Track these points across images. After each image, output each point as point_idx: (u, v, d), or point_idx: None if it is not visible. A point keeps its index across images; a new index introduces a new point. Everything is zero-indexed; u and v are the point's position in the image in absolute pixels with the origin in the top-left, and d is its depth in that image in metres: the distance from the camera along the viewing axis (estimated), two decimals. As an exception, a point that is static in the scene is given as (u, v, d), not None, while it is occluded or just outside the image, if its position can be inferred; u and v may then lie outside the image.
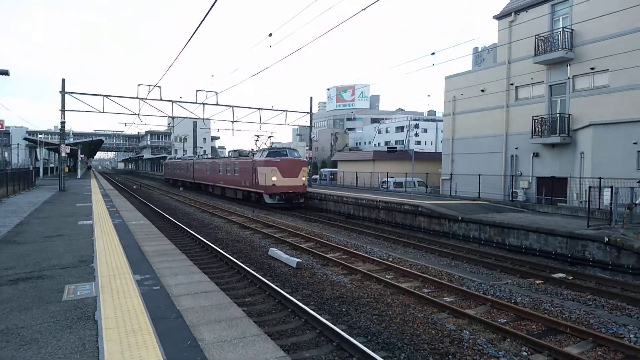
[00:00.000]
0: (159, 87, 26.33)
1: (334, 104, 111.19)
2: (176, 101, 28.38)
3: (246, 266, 10.70)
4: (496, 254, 13.61)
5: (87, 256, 7.71)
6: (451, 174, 28.48)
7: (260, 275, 9.89)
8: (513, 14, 24.12)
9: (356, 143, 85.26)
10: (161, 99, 27.08)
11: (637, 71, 17.72)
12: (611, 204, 13.41)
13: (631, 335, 6.99)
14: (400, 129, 76.80)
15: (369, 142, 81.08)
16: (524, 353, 6.39)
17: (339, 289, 9.37)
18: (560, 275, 10.95)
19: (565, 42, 20.76)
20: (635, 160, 16.34)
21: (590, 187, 14.29)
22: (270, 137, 31.66)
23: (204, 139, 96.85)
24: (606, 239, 11.78)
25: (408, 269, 10.93)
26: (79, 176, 46.77)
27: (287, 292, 8.62)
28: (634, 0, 17.06)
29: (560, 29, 21.09)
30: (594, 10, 18.74)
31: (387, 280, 9.90)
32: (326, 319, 7.13)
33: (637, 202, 13.53)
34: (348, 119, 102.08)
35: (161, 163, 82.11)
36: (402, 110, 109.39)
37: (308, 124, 34.25)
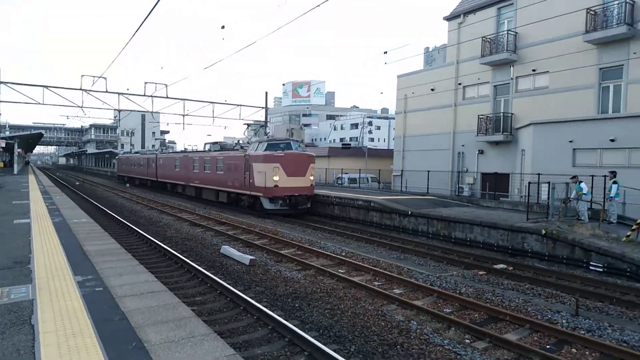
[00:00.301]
0: (105, 78, 25.05)
1: (289, 100, 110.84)
2: (123, 93, 27.11)
3: (196, 265, 10.46)
4: (443, 247, 14.19)
5: (23, 257, 7.23)
6: (402, 170, 29.27)
7: (211, 273, 9.71)
8: (462, 15, 25.09)
9: (312, 139, 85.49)
10: (107, 91, 25.76)
11: (573, 74, 19.01)
12: (548, 198, 14.35)
13: (564, 321, 7.53)
14: (355, 125, 77.85)
15: (325, 139, 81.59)
16: (467, 340, 6.72)
17: (293, 284, 9.40)
18: (502, 266, 11.59)
19: (510, 45, 21.89)
20: (570, 158, 17.55)
21: (529, 183, 15.20)
22: (262, 126, 26.79)
23: (153, 133, 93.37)
24: (543, 232, 12.61)
25: (360, 263, 11.15)
26: (15, 172, 43.60)
27: (239, 290, 8.53)
28: (572, 7, 18.26)
29: (505, 32, 22.20)
30: (536, 14, 19.87)
31: (340, 274, 10.05)
32: (278, 315, 7.14)
33: (571, 196, 14.56)
34: (304, 115, 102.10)
35: (106, 158, 78.27)
36: (356, 107, 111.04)
37: (263, 119, 33.91)
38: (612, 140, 16.19)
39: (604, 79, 18.67)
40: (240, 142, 27.92)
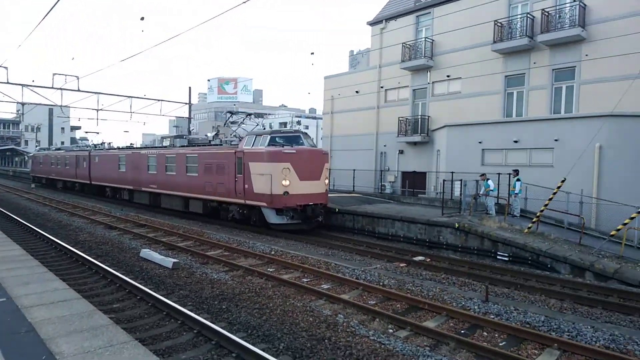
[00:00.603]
0: (5, 67, 22.49)
1: (215, 96, 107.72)
2: (28, 85, 24.57)
3: (113, 270, 9.81)
4: (367, 242, 14.76)
5: None
6: (330, 169, 29.84)
7: (130, 278, 9.17)
8: (384, 21, 26.17)
9: (239, 138, 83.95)
10: (8, 82, 23.16)
11: (482, 80, 20.72)
12: (461, 194, 15.53)
13: (476, 307, 8.19)
14: (283, 124, 77.87)
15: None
16: (391, 330, 7.07)
17: (220, 286, 9.18)
18: (420, 258, 12.32)
19: (427, 51, 23.28)
20: (480, 157, 19.12)
21: (444, 181, 16.32)
22: (251, 115, 20.61)
23: (62, 128, 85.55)
24: (456, 225, 13.62)
25: (289, 261, 11.20)
26: None
27: (161, 295, 8.15)
28: (481, 19, 19.87)
29: (423, 39, 23.56)
30: (450, 24, 21.33)
31: (269, 273, 10.02)
32: (204, 318, 6.94)
33: (481, 192, 15.89)
34: (231, 112, 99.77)
35: (7, 156, 70.27)
36: (285, 106, 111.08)
37: (187, 115, 32.62)
38: (516, 142, 17.93)
39: (509, 86, 20.60)
40: (197, 135, 23.77)
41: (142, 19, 17.91)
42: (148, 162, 22.26)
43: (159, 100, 30.41)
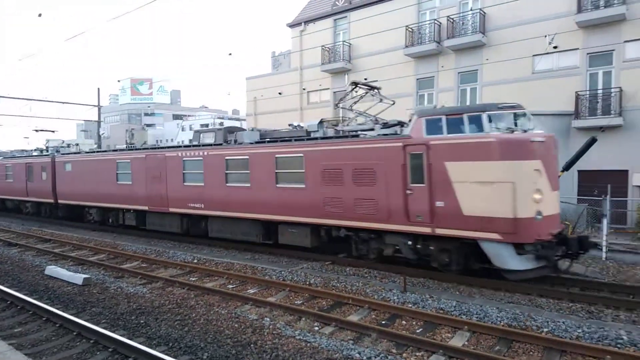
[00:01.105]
0: None
1: (128, 97, 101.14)
2: None
3: (13, 291, 8.85)
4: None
5: None
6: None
7: (33, 299, 8.34)
8: (303, 23, 26.47)
9: (157, 140, 79.75)
10: None
11: (397, 83, 21.75)
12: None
13: (395, 298, 8.61)
14: (205, 126, 75.48)
15: (172, 140, 77.08)
16: (316, 328, 7.20)
17: (137, 300, 8.67)
18: (343, 254, 12.59)
19: (345, 55, 23.97)
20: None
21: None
22: (379, 89, 13.65)
23: (-54, 135, 75.08)
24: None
25: (214, 268, 10.92)
26: None
27: (70, 314, 7.52)
28: (394, 24, 20.89)
29: (341, 42, 24.22)
30: (367, 28, 22.14)
31: (191, 283, 9.69)
32: (120, 335, 6.52)
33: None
34: (146, 114, 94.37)
35: None
36: (206, 107, 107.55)
37: (96, 118, 30.32)
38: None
39: (421, 88, 21.92)
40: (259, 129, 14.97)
41: (40, 15, 16.30)
42: (184, 169, 14.62)
43: (63, 102, 27.95)
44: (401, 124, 10.72)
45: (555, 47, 17.34)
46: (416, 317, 7.63)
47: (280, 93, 27.45)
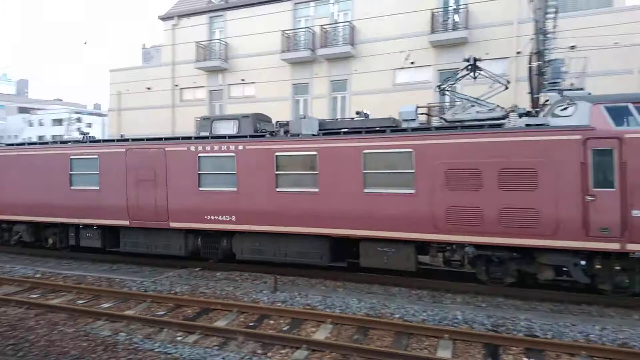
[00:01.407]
0: None
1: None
2: None
3: None
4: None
5: None
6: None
7: None
8: (176, 17, 25.09)
9: (-3, 137, 67.79)
10: None
11: (274, 86, 21.99)
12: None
13: (265, 298, 8.63)
14: (58, 121, 66.55)
15: (16, 136, 66.32)
16: (179, 338, 6.81)
17: (-46, 325, 7.19)
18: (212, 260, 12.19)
19: (221, 53, 23.37)
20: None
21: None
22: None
23: None
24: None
25: (61, 283, 9.64)
26: None
27: None
28: (271, 27, 21.04)
29: (217, 41, 23.56)
30: (244, 29, 21.88)
31: (31, 300, 8.40)
32: None
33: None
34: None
35: None
36: (60, 100, 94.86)
37: None
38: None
39: (296, 93, 22.47)
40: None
41: None
42: (200, 169, 10.85)
43: None
44: (528, 113, 9.16)
45: (412, 63, 19.36)
46: (284, 315, 7.74)
47: (149, 88, 25.56)
